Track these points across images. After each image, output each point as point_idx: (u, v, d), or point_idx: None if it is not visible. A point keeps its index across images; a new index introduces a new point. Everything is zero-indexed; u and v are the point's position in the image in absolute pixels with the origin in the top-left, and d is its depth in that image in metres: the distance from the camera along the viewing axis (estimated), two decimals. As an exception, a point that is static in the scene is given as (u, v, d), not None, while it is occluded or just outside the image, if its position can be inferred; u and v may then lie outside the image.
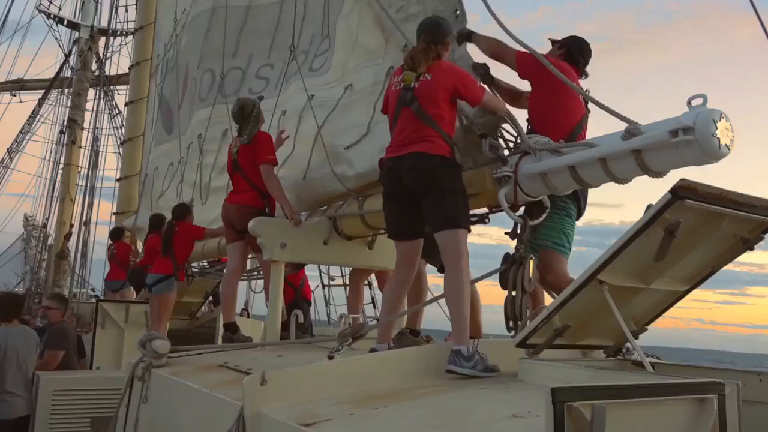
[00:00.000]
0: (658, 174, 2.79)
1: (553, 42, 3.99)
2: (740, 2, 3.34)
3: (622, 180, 2.95)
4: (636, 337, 2.83)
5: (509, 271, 3.27)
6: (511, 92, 3.97)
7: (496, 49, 3.81)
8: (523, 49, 3.62)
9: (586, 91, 3.73)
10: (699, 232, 2.50)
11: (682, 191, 2.26)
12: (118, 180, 11.09)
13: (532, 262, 3.25)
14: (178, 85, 8.01)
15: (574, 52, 3.85)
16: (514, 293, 3.23)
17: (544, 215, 3.46)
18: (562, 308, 2.62)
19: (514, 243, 3.42)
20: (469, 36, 3.88)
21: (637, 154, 2.75)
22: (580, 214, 3.78)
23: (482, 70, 3.84)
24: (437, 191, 3.22)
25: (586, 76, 3.92)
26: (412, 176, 3.28)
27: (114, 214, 10.87)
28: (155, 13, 10.01)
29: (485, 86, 3.59)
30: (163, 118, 8.50)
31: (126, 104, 11.68)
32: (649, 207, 2.40)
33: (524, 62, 3.68)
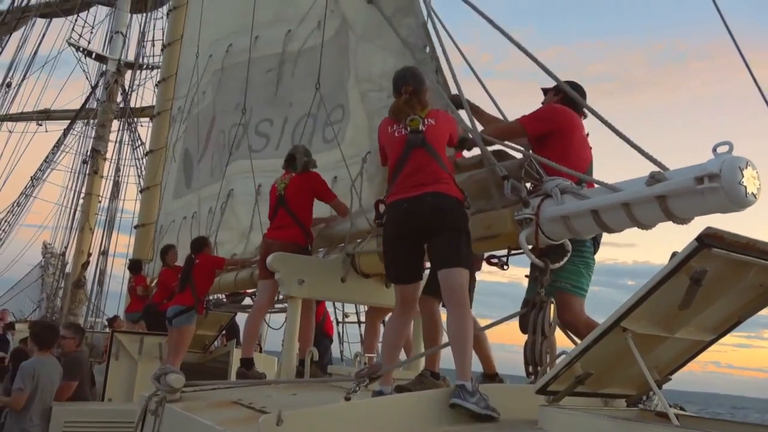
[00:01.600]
0: (682, 220, 2.76)
1: (545, 91, 4.09)
2: (751, 43, 3.35)
3: (645, 226, 2.92)
4: (660, 387, 2.76)
5: (529, 314, 3.23)
6: (501, 131, 3.96)
7: (499, 133, 3.85)
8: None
9: (586, 134, 3.81)
10: (725, 281, 2.46)
11: (708, 239, 2.23)
12: (141, 191, 11.19)
13: (552, 306, 3.21)
14: (199, 140, 8.15)
15: (570, 97, 3.87)
16: (534, 337, 3.19)
17: (566, 259, 3.43)
18: (584, 355, 2.57)
19: (526, 280, 3.47)
20: (459, 103, 3.97)
21: (662, 200, 2.73)
22: (596, 249, 3.77)
23: (458, 101, 3.99)
24: (454, 231, 3.31)
25: (585, 116, 3.95)
26: (432, 214, 3.33)
27: (135, 227, 10.99)
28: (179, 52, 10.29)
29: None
30: (186, 171, 8.61)
31: (150, 119, 11.93)
32: (674, 254, 2.37)
33: (540, 118, 3.75)
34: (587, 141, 3.78)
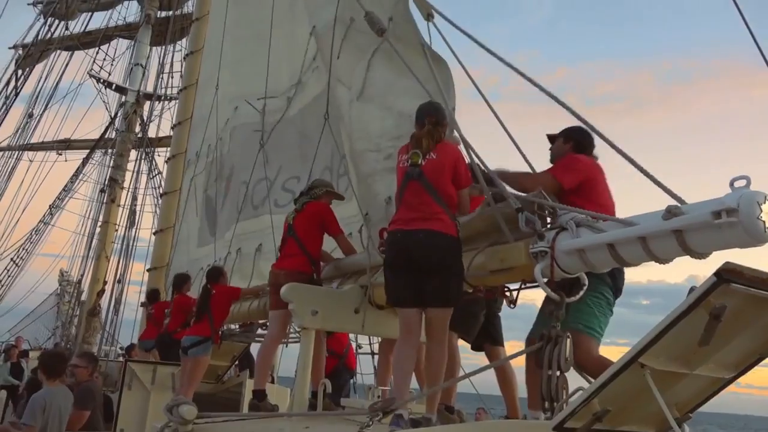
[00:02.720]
0: (700, 255, 2.73)
1: (551, 138, 4.08)
2: (759, 61, 3.35)
3: (662, 260, 2.89)
4: (680, 425, 2.70)
5: (545, 349, 3.19)
6: (524, 184, 3.81)
7: (523, 186, 3.74)
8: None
9: None
10: (745, 317, 2.42)
11: (727, 274, 2.20)
12: (155, 233, 11.25)
13: (569, 340, 3.16)
14: (218, 188, 8.25)
15: (582, 142, 3.93)
16: (549, 372, 3.14)
17: (582, 292, 3.40)
18: (602, 391, 2.53)
19: (538, 301, 3.53)
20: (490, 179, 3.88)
21: (679, 234, 2.70)
22: (618, 293, 3.71)
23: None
24: (446, 271, 3.48)
25: (596, 159, 3.97)
26: (422, 252, 3.49)
27: (147, 270, 11.00)
28: (197, 81, 10.45)
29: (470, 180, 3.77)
30: (209, 218, 8.69)
31: (166, 161, 12.01)
32: (692, 289, 2.34)
33: (572, 168, 3.74)
34: (608, 189, 3.79)
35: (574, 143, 3.93)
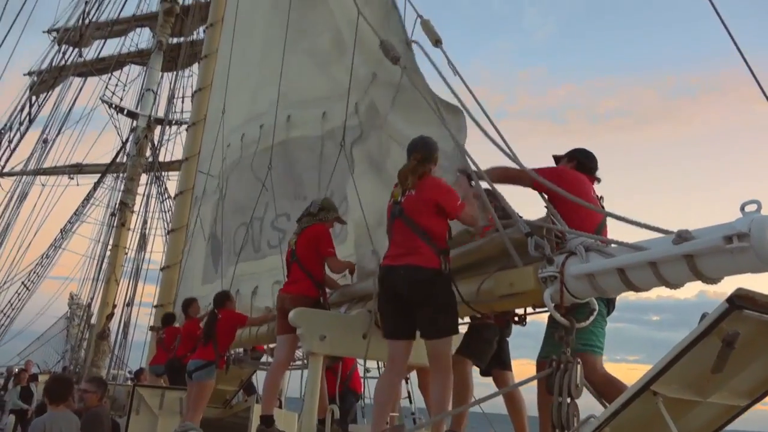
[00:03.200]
0: (712, 280, 2.70)
1: (557, 158, 4.15)
2: (763, 75, 3.34)
3: (673, 285, 2.86)
4: (694, 455, 2.65)
5: (555, 375, 3.15)
6: (507, 174, 3.95)
7: (505, 175, 3.89)
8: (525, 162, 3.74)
9: (600, 197, 3.90)
10: (759, 343, 2.38)
11: (739, 301, 2.18)
12: (162, 269, 11.21)
13: (579, 366, 3.12)
14: (224, 226, 8.28)
15: (584, 162, 4.02)
16: (560, 399, 3.10)
17: (592, 318, 3.37)
18: (614, 419, 2.49)
19: (544, 317, 3.53)
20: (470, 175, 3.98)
21: (690, 259, 2.67)
22: (610, 304, 3.70)
23: (467, 172, 3.96)
24: (432, 305, 3.55)
25: (599, 181, 4.05)
26: (405, 287, 3.60)
27: (155, 306, 10.97)
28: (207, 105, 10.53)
29: (465, 204, 3.78)
30: (214, 256, 8.73)
31: (173, 198, 12.03)
32: (704, 316, 2.31)
33: (549, 171, 3.80)
34: (597, 202, 3.82)
35: (577, 163, 4.02)
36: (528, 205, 3.96)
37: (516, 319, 3.84)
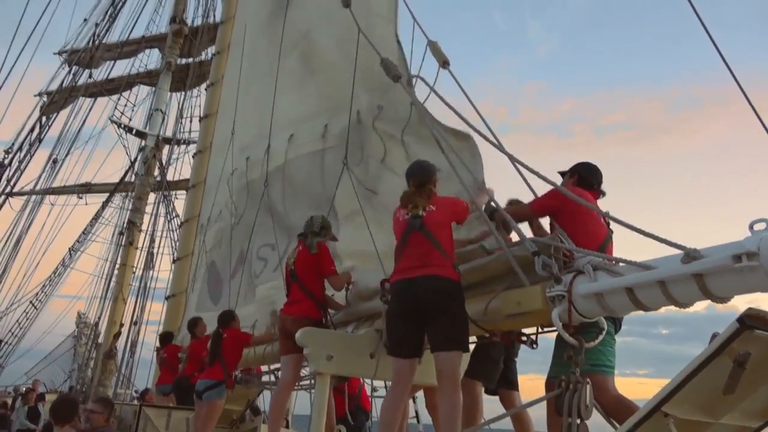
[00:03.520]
0: (721, 299, 2.68)
1: (563, 174, 4.17)
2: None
3: (682, 304, 2.83)
4: (706, 477, 2.61)
5: (564, 396, 3.11)
6: (518, 213, 4.05)
7: (516, 215, 3.95)
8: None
9: (606, 212, 3.82)
10: (771, 364, 2.35)
11: (750, 320, 2.16)
12: (167, 298, 11.18)
13: (588, 387, 3.09)
14: (231, 257, 8.32)
15: (585, 177, 4.03)
16: (570, 420, 3.06)
17: (600, 337, 3.34)
18: (624, 441, 2.46)
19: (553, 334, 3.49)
20: (493, 212, 4.10)
21: (699, 278, 2.66)
22: (617, 322, 3.67)
23: (490, 210, 4.11)
24: (449, 314, 3.54)
25: (604, 195, 4.06)
26: (426, 296, 3.58)
27: (166, 298, 10.97)
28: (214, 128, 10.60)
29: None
30: (210, 286, 8.72)
31: (179, 226, 12.05)
32: (714, 336, 2.29)
33: (543, 206, 3.89)
34: (599, 218, 3.78)
35: (579, 177, 4.04)
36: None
37: (524, 339, 3.80)
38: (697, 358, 2.28)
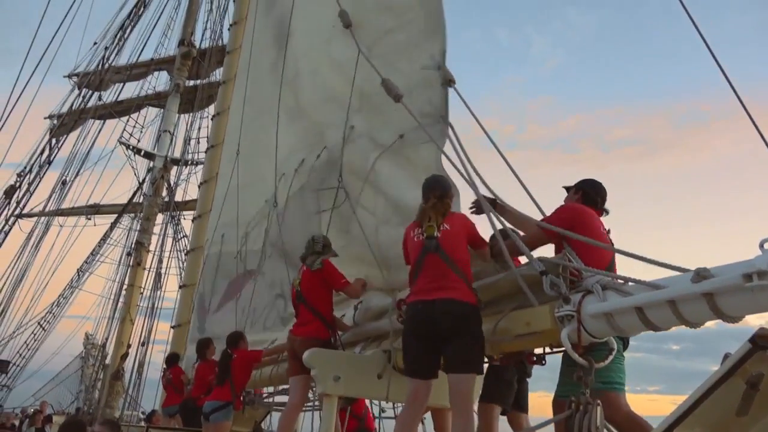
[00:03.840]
0: (733, 319, 2.64)
1: (567, 189, 4.15)
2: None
3: (693, 324, 2.80)
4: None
5: (574, 417, 3.07)
6: (514, 216, 4.03)
7: (532, 243, 3.82)
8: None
9: (608, 230, 3.86)
10: (785, 384, 2.31)
11: (762, 341, 2.12)
12: (173, 327, 11.17)
13: (599, 408, 3.05)
14: (214, 287, 8.32)
15: (590, 194, 4.00)
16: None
17: (611, 357, 3.30)
18: (636, 464, 2.42)
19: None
20: (494, 203, 4.07)
21: (709, 297, 2.62)
22: (625, 345, 3.64)
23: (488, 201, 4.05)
24: (466, 336, 3.50)
25: (607, 213, 4.03)
26: (444, 319, 3.55)
27: (173, 327, 10.94)
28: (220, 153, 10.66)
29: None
30: (198, 315, 8.73)
31: (186, 253, 12.04)
32: (726, 356, 2.26)
33: (555, 219, 3.79)
34: (605, 237, 3.77)
35: (583, 194, 4.01)
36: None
37: (534, 359, 3.77)
38: (708, 380, 2.24)
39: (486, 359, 4.10)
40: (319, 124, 6.28)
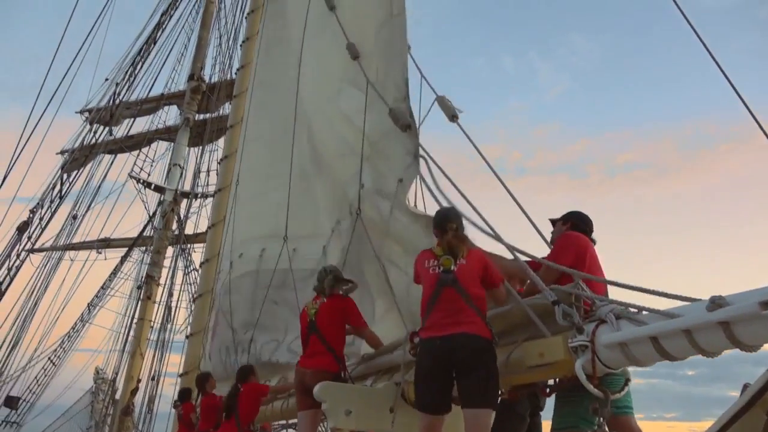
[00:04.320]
0: (750, 348, 2.59)
1: (553, 222, 4.21)
2: None
3: (710, 353, 2.75)
4: None
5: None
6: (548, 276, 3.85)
7: (547, 278, 3.76)
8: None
9: None
10: (807, 415, 2.25)
11: (782, 370, 2.08)
12: (180, 375, 11.11)
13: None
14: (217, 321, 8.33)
15: (579, 225, 4.05)
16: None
17: (627, 388, 3.25)
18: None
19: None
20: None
21: (726, 326, 2.58)
22: None
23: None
24: (483, 371, 3.46)
25: (594, 243, 4.03)
26: (461, 354, 3.50)
27: (179, 375, 10.86)
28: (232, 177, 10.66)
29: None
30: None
31: (193, 300, 12.04)
32: (746, 387, 2.21)
33: (565, 249, 3.83)
34: (599, 263, 3.82)
35: (572, 225, 4.06)
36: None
37: (548, 391, 3.71)
38: (729, 411, 2.19)
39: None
40: (341, 183, 6.19)
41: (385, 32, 5.71)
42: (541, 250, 4.15)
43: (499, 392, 3.91)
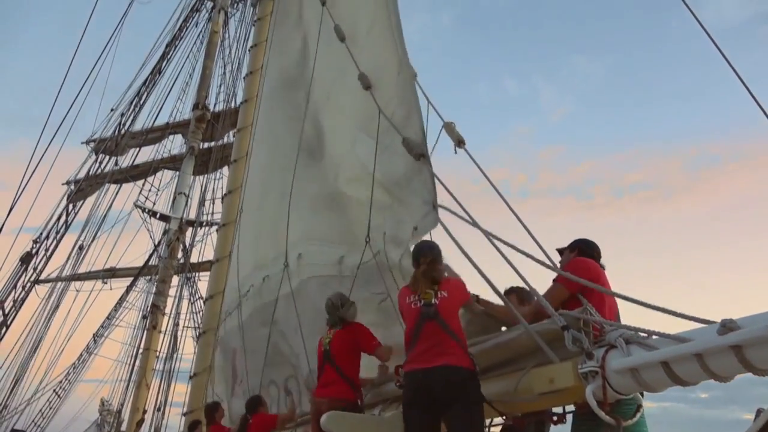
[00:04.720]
0: (764, 372, 2.55)
1: (560, 251, 4.21)
2: None
3: (722, 378, 2.71)
4: None
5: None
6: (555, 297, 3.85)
7: (555, 299, 3.76)
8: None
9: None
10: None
11: (797, 395, 2.04)
12: (191, 377, 11.03)
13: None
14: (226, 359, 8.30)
15: (587, 252, 4.05)
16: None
17: (639, 415, 3.20)
18: None
19: None
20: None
21: (738, 350, 2.55)
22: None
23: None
24: (465, 403, 3.51)
25: (604, 268, 4.01)
26: (443, 386, 3.56)
27: (183, 414, 10.75)
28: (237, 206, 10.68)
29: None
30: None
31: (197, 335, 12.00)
32: (759, 412, 2.18)
33: (578, 269, 3.78)
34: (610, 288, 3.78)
35: (579, 252, 4.06)
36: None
37: (555, 419, 3.66)
38: (744, 437, 2.15)
39: (502, 418, 4.01)
40: (351, 223, 6.09)
41: (395, 64, 5.66)
42: (546, 275, 4.11)
43: (503, 419, 3.88)
